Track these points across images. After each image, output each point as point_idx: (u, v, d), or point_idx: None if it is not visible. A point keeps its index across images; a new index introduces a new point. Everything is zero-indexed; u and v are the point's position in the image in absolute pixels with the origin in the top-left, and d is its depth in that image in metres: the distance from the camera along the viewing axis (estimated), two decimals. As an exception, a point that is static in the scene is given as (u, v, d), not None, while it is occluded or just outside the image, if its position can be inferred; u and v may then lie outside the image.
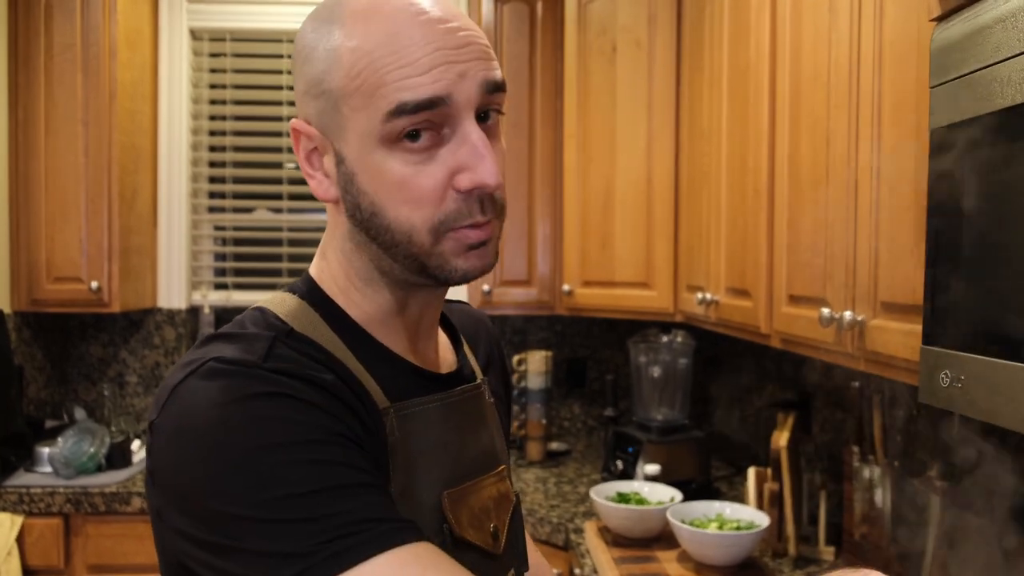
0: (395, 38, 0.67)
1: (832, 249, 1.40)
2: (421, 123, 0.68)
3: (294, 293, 0.78)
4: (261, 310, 0.75)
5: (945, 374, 0.93)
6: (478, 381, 0.88)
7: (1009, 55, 0.84)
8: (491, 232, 0.73)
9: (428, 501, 0.75)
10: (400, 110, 0.67)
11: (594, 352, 3.11)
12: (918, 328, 1.04)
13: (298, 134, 0.75)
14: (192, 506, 0.63)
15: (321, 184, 0.75)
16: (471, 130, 0.69)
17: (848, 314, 1.30)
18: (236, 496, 0.61)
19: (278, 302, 0.77)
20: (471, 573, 0.63)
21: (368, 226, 0.73)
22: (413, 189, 0.69)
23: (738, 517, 1.90)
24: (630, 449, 2.41)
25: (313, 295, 0.78)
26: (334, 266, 0.79)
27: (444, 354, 0.87)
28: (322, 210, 3.10)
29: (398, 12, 0.68)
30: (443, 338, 0.89)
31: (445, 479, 0.77)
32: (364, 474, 0.64)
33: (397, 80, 0.67)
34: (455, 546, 0.75)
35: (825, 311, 1.35)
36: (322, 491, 0.61)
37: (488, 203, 0.71)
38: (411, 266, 0.73)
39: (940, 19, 0.99)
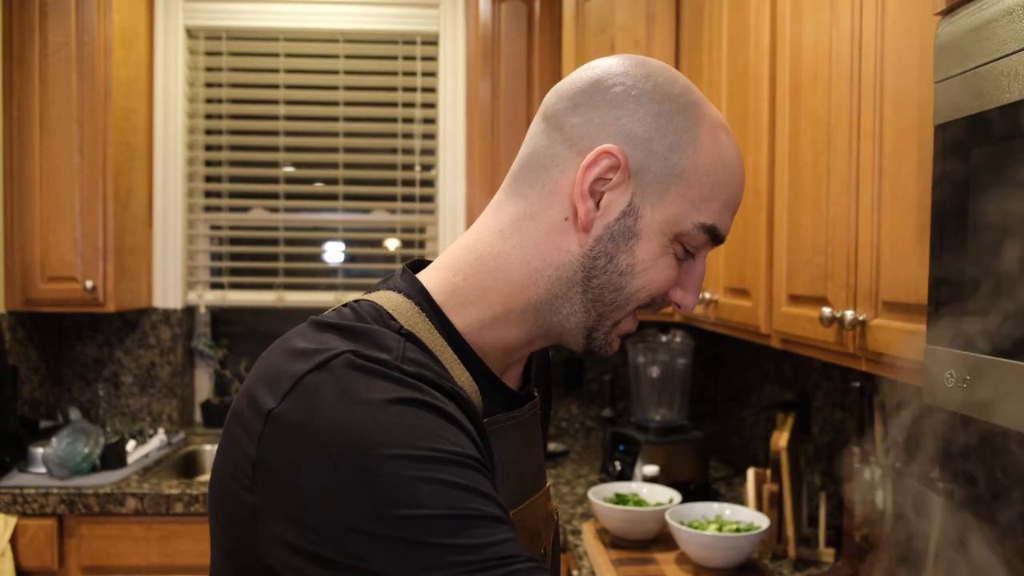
0: (729, 169, 0.75)
1: (833, 247, 1.39)
2: (705, 244, 0.76)
3: (400, 292, 0.74)
4: (374, 305, 0.72)
5: (950, 374, 0.92)
6: (536, 398, 0.86)
7: (1016, 49, 0.82)
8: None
9: None
10: (710, 231, 0.74)
11: (592, 352, 3.09)
12: (921, 327, 1.02)
13: (607, 157, 0.72)
14: (306, 511, 0.58)
15: (590, 213, 0.73)
16: (703, 266, 0.79)
17: (849, 313, 1.28)
18: (366, 508, 0.56)
19: (385, 299, 0.73)
20: None
21: (599, 274, 0.73)
22: (662, 278, 0.75)
23: (737, 519, 1.88)
24: (621, 447, 2.40)
25: (420, 298, 0.74)
26: (469, 286, 0.75)
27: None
28: (317, 210, 3.08)
29: (733, 146, 0.76)
30: None
31: (513, 498, 0.75)
32: (497, 506, 0.61)
33: (720, 207, 0.75)
34: None
35: (826, 310, 1.34)
36: (462, 517, 0.57)
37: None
38: (584, 321, 0.75)
39: (944, 13, 0.98)
